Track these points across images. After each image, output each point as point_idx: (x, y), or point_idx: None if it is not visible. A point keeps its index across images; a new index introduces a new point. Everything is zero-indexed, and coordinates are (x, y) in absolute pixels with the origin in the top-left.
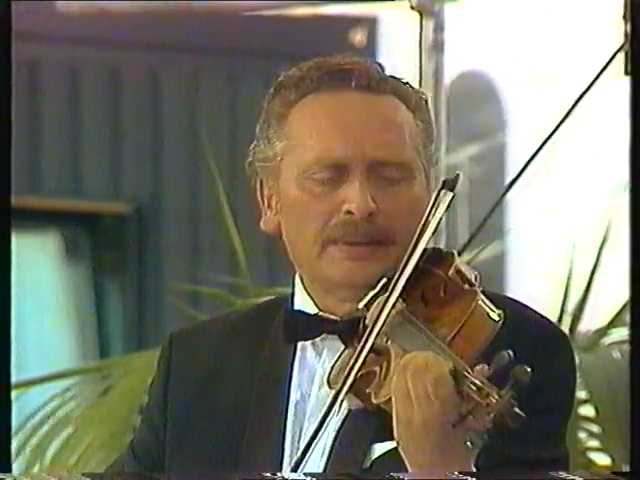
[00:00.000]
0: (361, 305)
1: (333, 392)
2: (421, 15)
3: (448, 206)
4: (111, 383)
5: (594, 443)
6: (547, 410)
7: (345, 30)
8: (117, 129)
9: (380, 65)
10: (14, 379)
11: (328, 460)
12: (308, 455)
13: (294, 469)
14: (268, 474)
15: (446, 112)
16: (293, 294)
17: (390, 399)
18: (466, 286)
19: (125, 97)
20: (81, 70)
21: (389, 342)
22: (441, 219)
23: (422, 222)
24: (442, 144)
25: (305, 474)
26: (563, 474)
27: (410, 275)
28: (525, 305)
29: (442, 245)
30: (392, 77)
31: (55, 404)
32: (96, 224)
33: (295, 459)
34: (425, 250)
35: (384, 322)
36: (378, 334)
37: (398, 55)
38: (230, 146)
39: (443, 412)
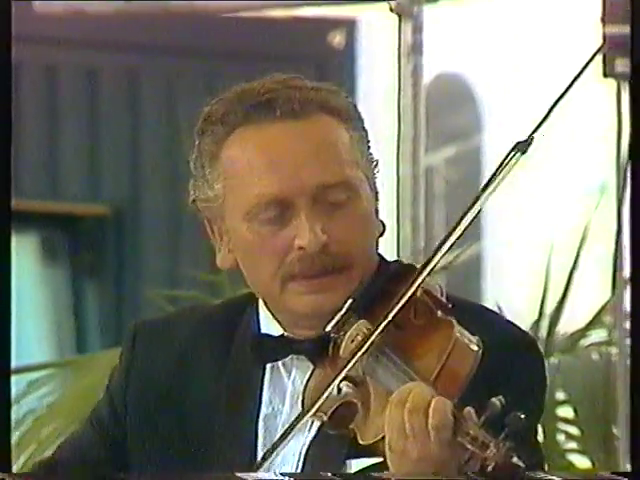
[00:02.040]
0: (328, 328)
1: (300, 410)
2: (400, 17)
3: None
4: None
5: (573, 445)
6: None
7: (324, 32)
8: (96, 130)
9: (301, 79)
10: None
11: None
12: (272, 458)
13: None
14: (239, 474)
15: (425, 114)
16: (258, 315)
17: (380, 440)
18: (439, 313)
19: (104, 98)
20: (59, 71)
21: (367, 377)
22: (503, 177)
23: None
24: (421, 146)
25: (282, 474)
26: (555, 476)
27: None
28: (493, 312)
29: (421, 245)
30: (315, 89)
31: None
32: (75, 225)
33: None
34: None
35: (361, 355)
36: (353, 366)
37: (377, 57)
38: None
39: (440, 452)
